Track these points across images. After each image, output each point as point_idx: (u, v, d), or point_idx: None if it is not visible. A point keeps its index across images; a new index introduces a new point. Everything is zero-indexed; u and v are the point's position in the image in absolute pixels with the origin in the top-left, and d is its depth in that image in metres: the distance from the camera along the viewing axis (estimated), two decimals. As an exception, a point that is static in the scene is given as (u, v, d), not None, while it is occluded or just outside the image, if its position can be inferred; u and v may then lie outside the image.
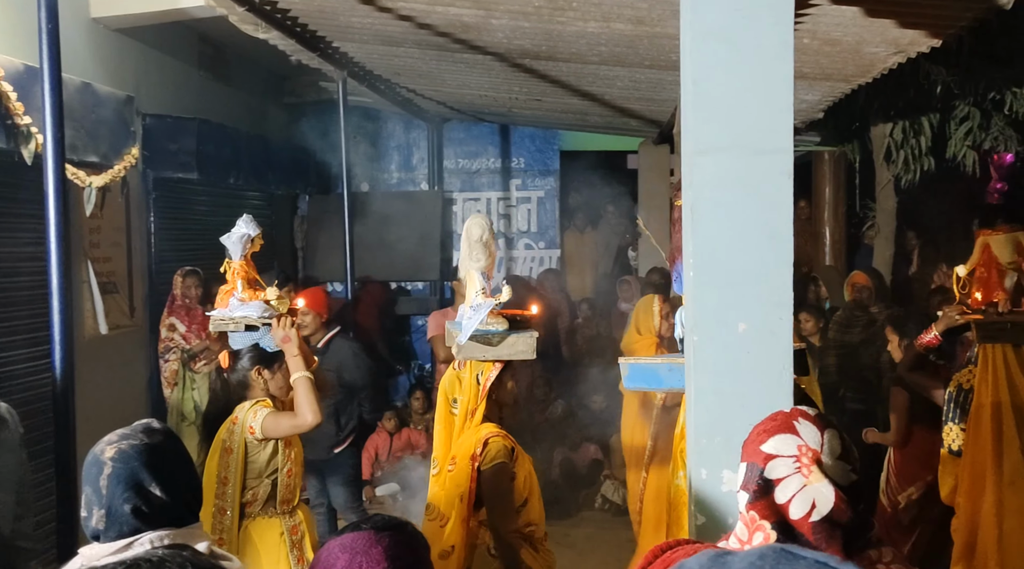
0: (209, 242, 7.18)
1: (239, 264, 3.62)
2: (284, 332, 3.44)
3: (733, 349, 2.57)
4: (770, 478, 1.66)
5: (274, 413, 3.47)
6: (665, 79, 5.30)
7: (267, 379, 3.59)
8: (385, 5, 4.23)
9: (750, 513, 1.67)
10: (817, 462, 1.66)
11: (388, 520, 1.58)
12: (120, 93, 5.41)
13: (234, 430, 3.44)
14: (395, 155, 9.54)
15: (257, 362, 3.60)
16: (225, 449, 3.43)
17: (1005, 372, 3.91)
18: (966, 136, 7.09)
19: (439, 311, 6.59)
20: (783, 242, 2.58)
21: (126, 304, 5.89)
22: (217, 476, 3.42)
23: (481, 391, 3.37)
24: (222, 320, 3.51)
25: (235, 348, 3.66)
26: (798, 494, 1.63)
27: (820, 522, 1.62)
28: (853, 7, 3.26)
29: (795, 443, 1.68)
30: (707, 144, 2.59)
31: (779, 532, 1.63)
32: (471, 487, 3.26)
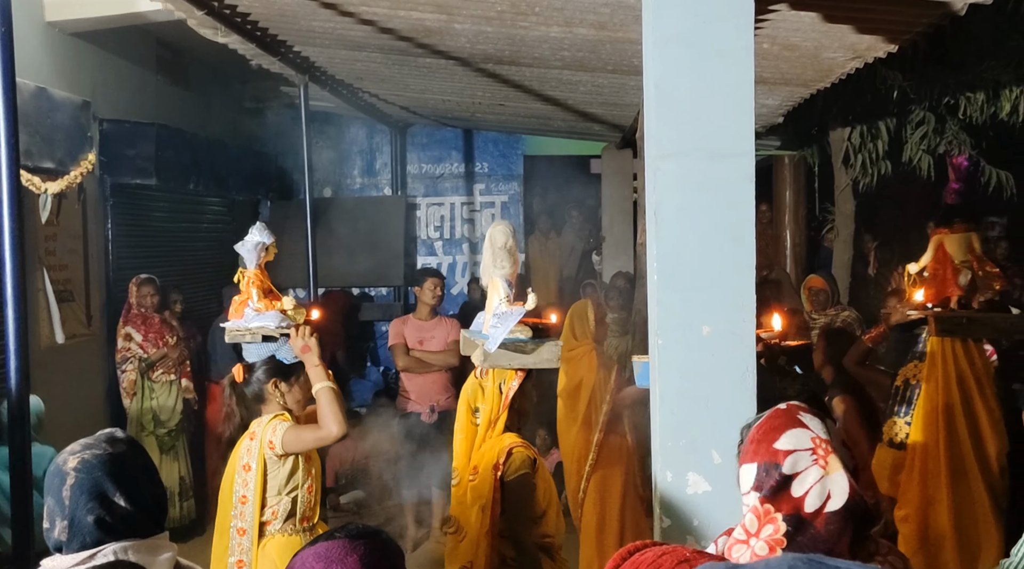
0: (168, 249, 7.13)
1: (253, 273, 3.51)
2: (304, 342, 3.32)
3: (697, 352, 2.59)
4: (789, 474, 1.67)
5: (295, 427, 3.33)
6: (627, 84, 5.33)
7: (284, 392, 3.44)
8: (347, 10, 4.21)
9: (765, 506, 1.67)
10: (833, 450, 1.69)
11: (362, 528, 1.56)
12: (76, 98, 5.32)
13: (252, 446, 3.29)
14: (358, 160, 9.49)
15: (274, 375, 3.44)
16: (243, 466, 3.29)
17: (954, 366, 4.00)
18: (921, 140, 7.22)
19: (399, 319, 6.55)
20: (745, 245, 2.60)
21: (83, 312, 5.79)
22: (235, 494, 3.29)
23: (504, 400, 3.35)
24: (238, 332, 3.38)
25: (249, 360, 3.47)
26: (816, 486, 1.65)
27: (834, 513, 1.64)
28: (811, 12, 3.30)
29: (808, 436, 1.71)
30: (669, 148, 2.60)
31: (791, 525, 1.64)
32: (494, 497, 3.24)
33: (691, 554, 1.67)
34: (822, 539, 1.62)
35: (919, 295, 4.33)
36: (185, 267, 7.31)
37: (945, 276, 4.14)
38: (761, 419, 1.80)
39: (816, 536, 1.62)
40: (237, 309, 3.44)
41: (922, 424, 4.05)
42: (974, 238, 4.23)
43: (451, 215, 9.49)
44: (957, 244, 4.21)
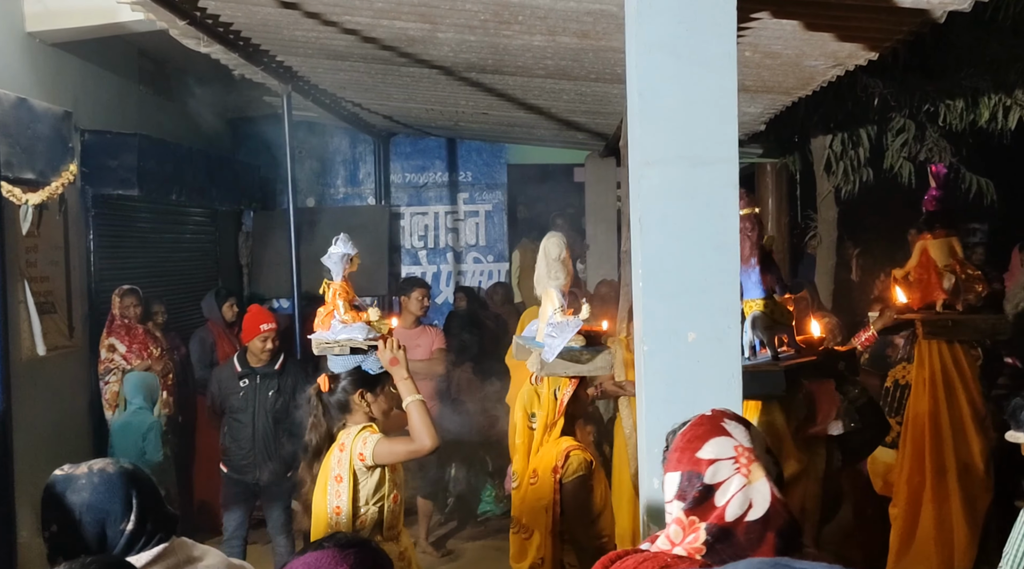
0: (151, 260, 7.09)
1: (340, 285, 3.51)
2: (392, 353, 3.31)
3: (683, 358, 2.60)
4: (711, 483, 1.66)
5: (385, 439, 3.32)
6: (611, 92, 5.35)
7: (370, 403, 3.42)
8: (330, 19, 4.20)
9: (690, 517, 1.67)
10: (756, 459, 1.68)
11: (350, 537, 1.56)
12: (57, 109, 5.29)
13: (342, 458, 3.28)
14: (341, 170, 9.48)
15: (361, 386, 3.41)
16: (334, 477, 3.28)
17: (941, 367, 4.11)
18: (902, 147, 7.28)
19: None
20: (729, 251, 2.62)
21: (65, 324, 5.74)
22: (328, 505, 3.28)
23: (559, 406, 3.47)
24: (327, 344, 3.37)
25: (335, 371, 3.45)
26: (738, 494, 1.64)
27: (755, 522, 1.63)
28: (793, 20, 3.33)
29: (731, 444, 1.70)
30: (653, 155, 2.61)
31: (711, 534, 1.63)
32: (555, 499, 3.36)
33: (672, 559, 1.67)
34: (742, 547, 1.61)
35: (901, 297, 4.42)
36: (168, 278, 7.26)
37: (930, 280, 4.23)
38: (686, 426, 1.80)
39: (736, 544, 1.61)
40: (324, 320, 3.44)
41: (910, 425, 4.14)
42: (955, 243, 4.32)
43: (435, 224, 9.49)
44: (940, 249, 4.30)
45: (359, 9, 3.97)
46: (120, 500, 2.00)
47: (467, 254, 9.50)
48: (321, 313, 3.50)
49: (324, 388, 3.45)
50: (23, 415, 4.40)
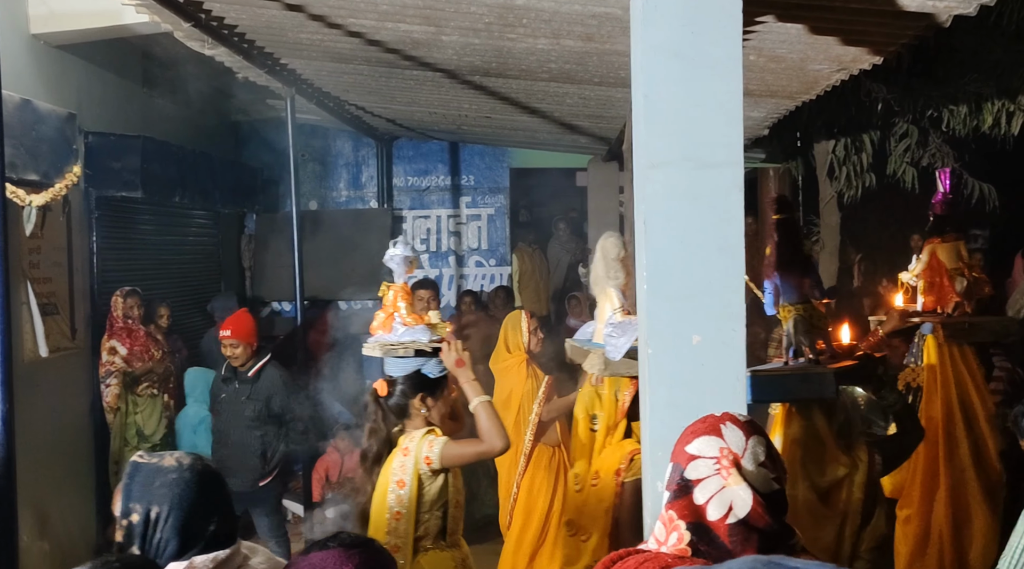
0: (154, 262, 7.09)
1: (401, 287, 3.48)
2: (458, 355, 3.28)
3: (688, 361, 2.59)
4: (689, 478, 1.67)
5: (452, 442, 3.26)
6: (614, 96, 5.35)
7: (430, 406, 3.36)
8: (334, 21, 4.21)
9: (669, 513, 1.68)
10: (736, 465, 1.68)
11: (354, 537, 1.55)
12: (61, 110, 5.29)
13: (406, 462, 3.22)
14: (344, 173, 9.48)
15: (421, 389, 3.35)
16: (396, 482, 3.21)
17: (952, 369, 4.12)
18: (905, 153, 7.29)
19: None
20: (734, 254, 2.61)
21: (67, 326, 5.74)
22: (388, 510, 3.21)
23: (621, 407, 3.48)
24: (391, 346, 3.32)
25: (394, 375, 3.39)
26: (716, 495, 1.64)
27: (736, 525, 1.63)
28: (798, 24, 3.32)
29: (717, 445, 1.71)
30: (658, 157, 2.60)
31: (694, 533, 1.63)
32: (616, 501, 3.40)
33: (672, 560, 1.66)
34: (725, 549, 1.61)
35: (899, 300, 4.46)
36: (171, 280, 7.27)
37: (942, 284, 4.26)
38: (695, 421, 1.82)
39: (720, 546, 1.61)
40: (385, 323, 3.41)
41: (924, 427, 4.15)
42: (962, 246, 4.36)
43: (437, 228, 9.49)
44: (948, 252, 4.33)
45: (364, 12, 3.97)
46: (210, 498, 1.97)
47: (469, 258, 9.50)
48: (380, 316, 3.46)
49: (382, 392, 3.38)
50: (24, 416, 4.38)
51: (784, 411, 3.44)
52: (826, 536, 3.26)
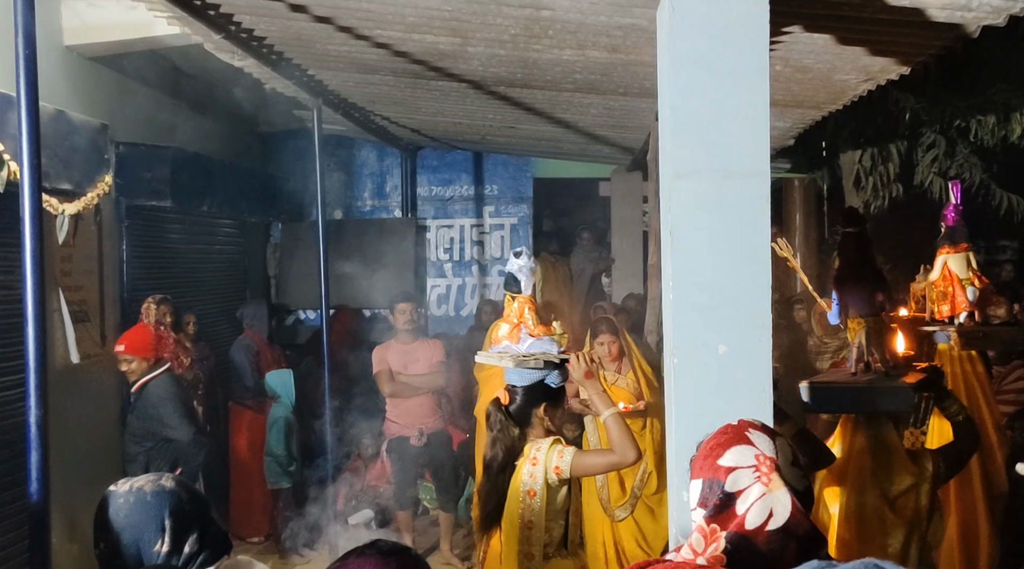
0: (181, 270, 7.17)
1: (527, 298, 3.52)
2: (587, 367, 3.30)
3: (714, 371, 2.60)
4: (731, 491, 1.66)
5: (581, 452, 3.29)
6: (638, 106, 5.37)
7: (551, 416, 3.38)
8: (361, 33, 4.26)
9: (711, 525, 1.67)
10: (776, 469, 1.67)
11: (391, 545, 1.57)
12: (94, 121, 5.38)
13: (535, 471, 3.24)
14: (368, 182, 9.55)
15: (544, 399, 3.37)
16: (527, 492, 3.24)
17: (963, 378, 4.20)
18: (932, 163, 7.25)
19: (382, 345, 6.33)
20: (761, 264, 2.62)
21: (97, 333, 5.81)
22: (520, 520, 3.25)
23: None
24: (524, 357, 3.34)
25: (516, 384, 3.40)
26: (757, 503, 1.63)
27: (776, 531, 1.62)
28: (825, 35, 3.33)
29: (752, 453, 1.70)
30: (685, 168, 2.62)
31: (731, 542, 1.62)
32: None
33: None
34: (763, 557, 1.60)
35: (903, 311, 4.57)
36: (198, 288, 7.34)
37: (955, 293, 4.29)
38: (711, 435, 1.80)
39: (757, 554, 1.60)
40: (512, 333, 3.44)
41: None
42: (971, 256, 4.41)
43: (460, 237, 9.53)
44: (959, 262, 4.39)
45: (391, 23, 4.02)
46: (153, 522, 2.00)
47: (492, 267, 9.53)
48: (504, 326, 3.48)
49: (505, 401, 3.40)
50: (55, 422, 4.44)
51: (849, 421, 3.46)
52: (895, 543, 3.30)
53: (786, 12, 2.92)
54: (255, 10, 4.03)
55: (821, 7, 2.98)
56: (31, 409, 2.78)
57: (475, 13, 3.64)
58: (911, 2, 2.87)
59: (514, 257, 3.57)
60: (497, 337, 3.50)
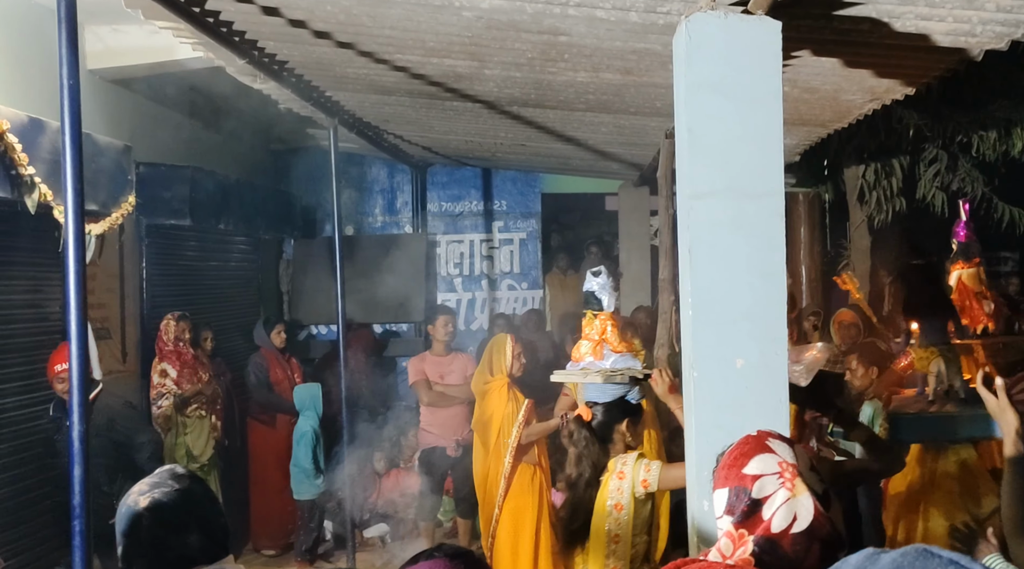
0: (199, 287, 7.29)
1: (609, 316, 3.65)
2: (670, 382, 3.35)
3: (732, 384, 2.70)
4: (758, 497, 1.74)
5: (668, 466, 3.35)
6: (648, 125, 5.48)
7: (632, 432, 3.46)
8: (381, 57, 4.38)
9: (739, 531, 1.76)
10: (799, 474, 1.77)
11: (456, 548, 1.67)
12: (118, 143, 5.51)
13: (622, 485, 3.31)
14: (379, 199, 9.68)
15: (626, 415, 3.47)
16: (614, 506, 3.30)
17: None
18: (935, 177, 7.37)
19: (417, 356, 6.69)
20: (776, 280, 2.73)
21: (119, 349, 5.94)
22: (607, 535, 3.31)
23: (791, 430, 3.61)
24: (612, 373, 3.44)
25: (598, 401, 3.49)
26: (782, 507, 1.72)
27: (800, 534, 1.71)
28: (832, 58, 3.45)
29: (775, 461, 1.79)
30: (702, 189, 2.74)
31: (758, 545, 1.71)
32: None
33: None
34: (788, 559, 1.69)
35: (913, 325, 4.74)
36: (214, 304, 7.46)
37: (972, 306, 4.41)
38: (732, 446, 1.89)
39: (783, 556, 1.69)
40: (596, 349, 3.55)
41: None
42: (982, 271, 4.53)
43: (470, 252, 9.65)
44: (972, 277, 4.50)
45: (411, 48, 4.14)
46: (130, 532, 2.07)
47: (501, 281, 9.64)
48: (586, 343, 3.60)
49: (587, 417, 3.47)
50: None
51: (931, 447, 3.52)
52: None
53: (796, 38, 3.04)
54: (280, 36, 4.15)
55: (830, 33, 3.10)
56: (74, 425, 2.88)
57: (494, 39, 3.76)
58: (917, 28, 2.99)
59: (593, 276, 3.71)
60: (579, 355, 3.64)
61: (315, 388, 6.67)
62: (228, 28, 4.05)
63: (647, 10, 3.08)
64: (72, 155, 2.89)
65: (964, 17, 2.84)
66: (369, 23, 3.77)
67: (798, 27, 2.90)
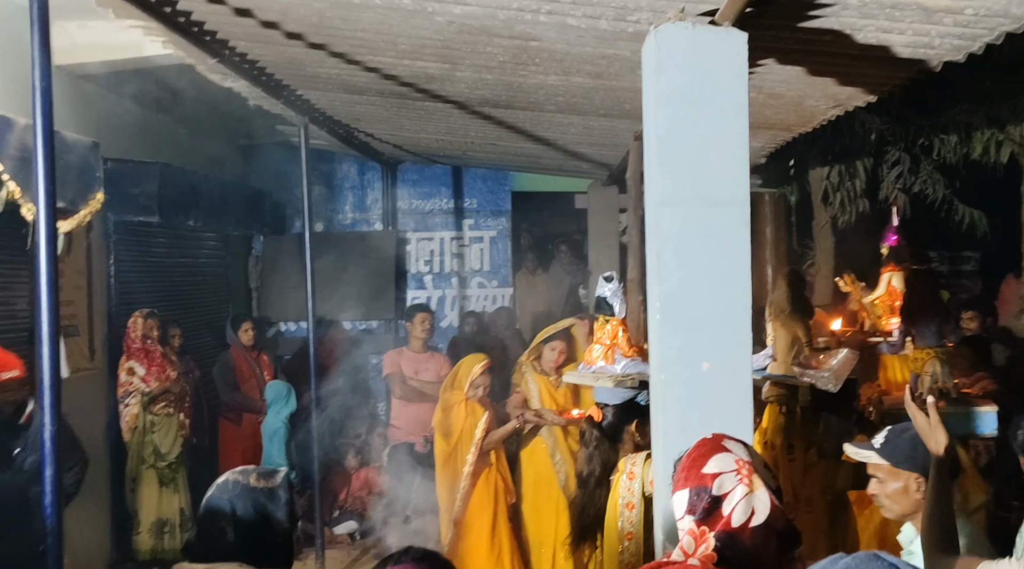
0: (166, 284, 7.25)
1: (620, 321, 3.71)
2: None
3: (698, 387, 2.77)
4: (718, 494, 1.82)
5: None
6: (617, 126, 5.55)
7: (642, 432, 3.53)
8: (354, 58, 4.40)
9: (701, 528, 1.84)
10: (755, 471, 1.86)
11: (423, 551, 1.71)
12: (86, 139, 5.46)
13: (632, 485, 3.40)
14: (349, 196, 9.67)
15: (636, 416, 3.56)
16: (625, 505, 3.40)
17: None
18: (897, 179, 7.52)
19: (394, 351, 6.75)
20: (741, 286, 2.81)
21: (86, 347, 5.90)
22: (620, 533, 3.39)
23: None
24: (623, 377, 3.53)
25: (608, 402, 3.60)
26: (741, 502, 1.80)
27: (759, 527, 1.80)
28: (797, 67, 3.53)
29: (732, 459, 1.88)
30: (671, 196, 2.80)
31: (719, 541, 1.79)
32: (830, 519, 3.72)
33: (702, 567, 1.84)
34: (748, 552, 1.77)
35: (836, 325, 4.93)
36: (183, 301, 7.43)
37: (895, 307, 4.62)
38: (689, 449, 1.97)
39: (743, 550, 1.77)
40: (608, 354, 3.62)
41: None
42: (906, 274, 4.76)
43: (440, 250, 9.67)
44: (901, 280, 4.69)
45: (383, 50, 4.17)
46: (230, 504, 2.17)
47: (472, 279, 9.68)
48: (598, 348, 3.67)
49: (598, 418, 3.58)
50: (49, 436, 4.53)
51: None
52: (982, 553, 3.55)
53: (762, 47, 3.11)
54: (252, 37, 4.16)
55: (794, 43, 3.17)
56: (45, 426, 2.89)
57: (466, 43, 3.80)
58: (878, 40, 3.07)
59: (605, 281, 3.82)
60: (592, 358, 3.75)
61: (280, 386, 6.68)
62: (199, 28, 4.05)
63: (616, 18, 3.14)
64: (44, 159, 2.89)
65: (923, 31, 2.92)
66: (342, 25, 3.79)
67: (763, 36, 2.97)
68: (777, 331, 3.97)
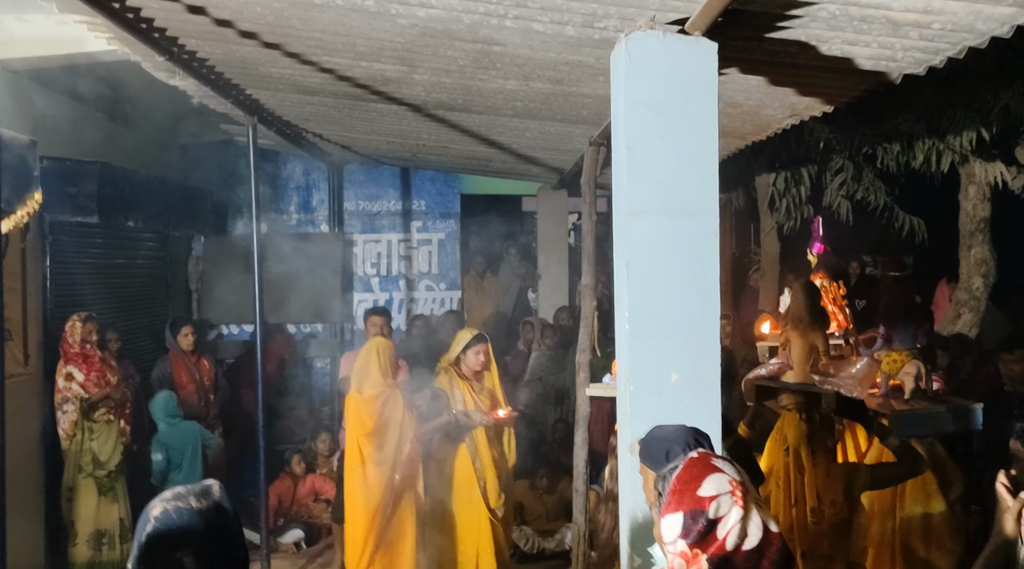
0: (104, 286, 7.01)
1: None
2: None
3: (667, 397, 2.76)
4: (714, 517, 1.80)
5: None
6: (573, 131, 5.53)
7: None
8: (308, 59, 4.29)
9: (693, 551, 1.81)
10: (747, 491, 1.84)
11: None
12: (23, 137, 5.25)
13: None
14: (294, 196, 9.51)
15: None
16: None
17: None
18: (841, 186, 7.64)
19: (351, 352, 6.65)
20: (711, 297, 2.80)
21: (20, 352, 5.67)
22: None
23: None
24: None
25: None
26: (736, 526, 1.79)
27: (751, 550, 1.78)
28: (759, 76, 3.54)
29: (725, 480, 1.85)
30: (640, 206, 2.78)
31: (712, 564, 1.77)
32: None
33: None
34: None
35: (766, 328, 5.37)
36: (120, 304, 7.20)
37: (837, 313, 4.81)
38: (678, 470, 1.93)
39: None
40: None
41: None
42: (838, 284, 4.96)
43: (388, 252, 9.56)
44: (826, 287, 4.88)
45: (340, 51, 4.08)
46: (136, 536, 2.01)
47: (420, 282, 9.59)
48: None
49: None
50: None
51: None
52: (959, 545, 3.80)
53: (726, 56, 3.10)
54: (203, 35, 4.03)
55: (760, 53, 3.18)
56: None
57: (427, 46, 3.73)
58: (843, 52, 3.09)
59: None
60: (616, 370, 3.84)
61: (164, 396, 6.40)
62: (148, 24, 3.91)
63: (584, 25, 3.11)
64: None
65: (888, 44, 2.95)
66: (299, 25, 3.69)
67: (730, 46, 2.96)
68: (795, 340, 4.08)
